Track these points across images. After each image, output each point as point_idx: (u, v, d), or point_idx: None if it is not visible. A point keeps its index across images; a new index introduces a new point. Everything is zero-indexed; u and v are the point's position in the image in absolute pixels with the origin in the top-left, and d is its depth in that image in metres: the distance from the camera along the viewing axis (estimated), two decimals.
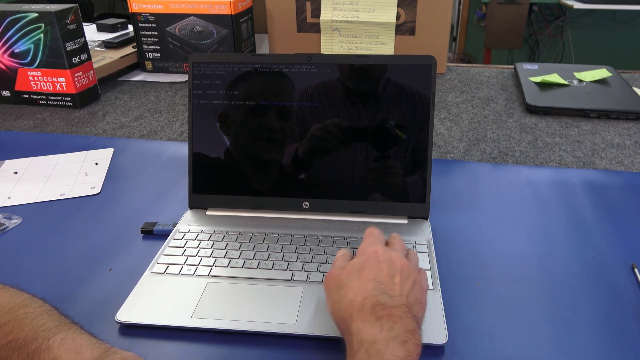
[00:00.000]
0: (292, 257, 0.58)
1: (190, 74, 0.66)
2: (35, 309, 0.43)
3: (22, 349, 0.40)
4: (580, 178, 0.76)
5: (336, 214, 0.64)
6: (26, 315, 0.42)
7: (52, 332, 0.41)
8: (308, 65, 0.63)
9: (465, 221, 0.66)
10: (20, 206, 0.72)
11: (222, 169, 0.66)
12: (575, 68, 1.17)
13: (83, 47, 1.06)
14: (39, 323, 0.42)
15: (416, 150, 0.63)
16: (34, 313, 0.43)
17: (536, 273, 0.57)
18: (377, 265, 0.46)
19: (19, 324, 0.41)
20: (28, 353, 0.40)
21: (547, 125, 0.95)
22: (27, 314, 0.42)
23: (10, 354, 0.40)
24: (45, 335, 0.41)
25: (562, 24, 2.84)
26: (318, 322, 0.49)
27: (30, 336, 0.41)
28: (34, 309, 0.43)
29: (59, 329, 0.42)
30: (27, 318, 0.42)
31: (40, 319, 0.42)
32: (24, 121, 1.02)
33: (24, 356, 0.40)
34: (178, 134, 0.95)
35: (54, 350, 0.40)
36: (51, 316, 0.43)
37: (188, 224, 0.64)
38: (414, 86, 0.62)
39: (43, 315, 0.43)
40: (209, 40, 1.21)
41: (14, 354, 0.40)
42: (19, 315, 0.42)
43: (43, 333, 0.41)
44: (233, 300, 0.52)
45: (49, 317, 0.43)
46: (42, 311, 0.43)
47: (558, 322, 0.50)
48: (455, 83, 1.18)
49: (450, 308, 0.52)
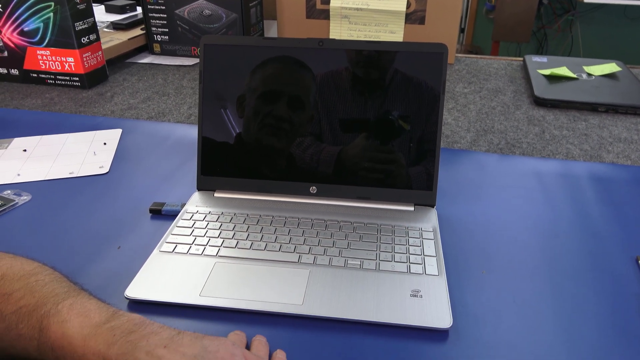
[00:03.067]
0: (299, 240, 0.58)
1: (202, 56, 0.66)
2: (45, 277, 0.44)
3: (32, 314, 0.41)
4: (587, 171, 0.76)
5: (343, 199, 0.65)
6: (37, 283, 0.43)
7: (61, 297, 0.42)
8: (319, 50, 0.64)
9: (471, 210, 0.67)
10: (29, 183, 0.73)
11: (231, 151, 0.66)
12: (584, 62, 1.16)
13: (92, 27, 1.05)
14: (49, 289, 0.43)
15: (425, 138, 0.63)
16: (44, 280, 0.44)
17: (541, 263, 0.58)
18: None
19: (30, 291, 0.42)
20: (37, 317, 0.41)
21: (555, 118, 0.95)
22: (37, 281, 0.43)
23: (20, 319, 0.41)
24: (55, 300, 0.42)
25: (571, 18, 2.82)
26: (325, 303, 0.50)
27: (40, 302, 0.41)
28: (44, 276, 0.44)
29: (68, 295, 0.42)
30: (37, 285, 0.43)
31: (50, 285, 0.43)
32: (32, 100, 1.02)
33: (33, 321, 0.41)
34: (186, 116, 0.95)
35: (63, 314, 0.40)
36: (61, 283, 0.44)
37: (196, 205, 0.65)
38: (424, 74, 0.62)
39: (53, 282, 0.44)
40: (217, 24, 1.20)
41: (24, 319, 0.41)
42: (30, 282, 0.43)
43: (52, 298, 0.42)
44: (240, 280, 0.53)
45: (59, 284, 0.44)
46: (52, 278, 0.44)
47: (562, 312, 0.51)
48: (464, 74, 1.17)
49: (454, 294, 0.52)
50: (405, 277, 0.53)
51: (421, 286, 0.52)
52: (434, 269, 0.54)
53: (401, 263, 0.55)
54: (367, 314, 0.49)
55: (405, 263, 0.55)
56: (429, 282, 0.52)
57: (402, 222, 0.61)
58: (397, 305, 0.49)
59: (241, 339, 0.46)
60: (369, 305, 0.50)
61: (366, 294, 0.51)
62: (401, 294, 0.51)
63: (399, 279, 0.53)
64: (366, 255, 0.56)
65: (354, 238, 0.59)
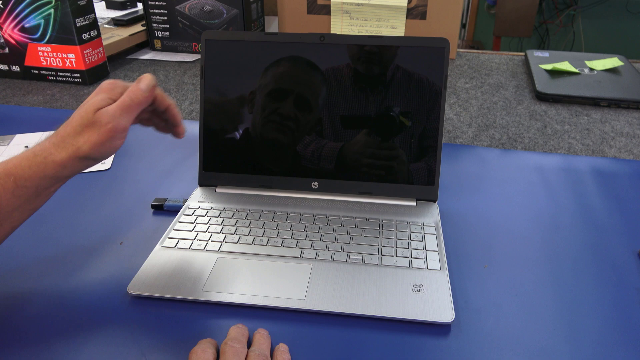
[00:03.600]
0: (301, 236, 0.58)
1: (203, 52, 0.66)
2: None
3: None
4: (589, 165, 0.76)
5: (345, 194, 0.65)
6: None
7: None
8: (320, 45, 0.63)
9: (473, 205, 0.67)
10: None
11: (233, 147, 0.66)
12: (586, 56, 1.16)
13: (93, 23, 1.05)
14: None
15: (426, 133, 0.63)
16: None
17: (542, 258, 0.58)
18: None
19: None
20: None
21: (557, 113, 0.94)
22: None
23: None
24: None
25: (573, 13, 2.81)
26: (327, 298, 0.50)
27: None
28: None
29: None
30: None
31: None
32: (33, 96, 1.02)
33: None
34: (187, 112, 0.95)
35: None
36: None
37: (198, 200, 0.65)
38: (426, 69, 0.62)
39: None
40: (218, 19, 1.20)
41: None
42: None
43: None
44: (243, 275, 0.53)
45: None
46: None
47: (563, 306, 0.51)
48: (465, 69, 1.17)
49: (457, 288, 0.52)
50: (408, 272, 0.53)
51: (423, 281, 0.52)
52: (436, 264, 0.54)
53: (403, 258, 0.55)
54: (369, 308, 0.49)
55: (407, 258, 0.55)
56: (431, 277, 0.52)
57: (404, 217, 0.61)
58: (399, 300, 0.50)
59: (243, 333, 0.46)
60: (371, 299, 0.50)
61: (368, 288, 0.51)
62: (403, 288, 0.51)
63: (401, 273, 0.53)
64: (368, 250, 0.56)
65: (356, 233, 0.59)
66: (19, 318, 0.49)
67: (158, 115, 0.58)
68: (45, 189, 0.49)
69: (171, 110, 0.56)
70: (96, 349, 0.46)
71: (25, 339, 0.47)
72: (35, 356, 0.45)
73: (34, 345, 0.46)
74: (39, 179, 0.48)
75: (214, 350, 0.43)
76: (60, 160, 0.48)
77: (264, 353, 0.43)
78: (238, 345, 0.43)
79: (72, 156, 0.48)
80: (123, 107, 0.49)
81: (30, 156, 0.48)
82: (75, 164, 0.49)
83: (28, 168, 0.47)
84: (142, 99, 0.51)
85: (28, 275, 0.55)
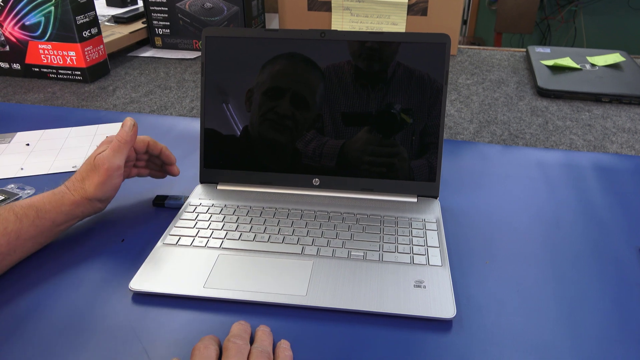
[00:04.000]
0: (302, 232, 0.58)
1: (204, 48, 0.66)
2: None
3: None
4: (590, 161, 0.76)
5: (346, 191, 0.65)
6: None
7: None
8: (321, 42, 0.63)
9: (474, 201, 0.67)
10: (32, 177, 0.73)
11: (233, 144, 0.66)
12: (588, 52, 1.16)
13: (93, 20, 1.05)
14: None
15: (428, 129, 0.63)
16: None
17: (544, 254, 0.57)
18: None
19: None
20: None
21: (559, 109, 0.94)
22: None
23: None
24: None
25: (575, 9, 2.80)
26: (328, 294, 0.50)
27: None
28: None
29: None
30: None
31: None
32: (34, 94, 1.02)
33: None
34: (188, 110, 0.95)
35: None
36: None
37: (199, 197, 0.65)
38: (427, 65, 0.62)
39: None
40: (219, 17, 1.20)
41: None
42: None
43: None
44: (244, 271, 0.53)
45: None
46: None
47: (565, 302, 0.51)
48: (466, 65, 1.17)
49: (458, 284, 0.52)
50: (409, 268, 0.53)
51: (425, 277, 0.52)
52: (437, 260, 0.54)
53: (405, 254, 0.55)
54: (370, 304, 0.49)
55: (408, 254, 0.55)
56: (433, 273, 0.52)
57: (405, 214, 0.61)
58: (401, 296, 0.50)
59: (245, 329, 0.46)
60: (373, 296, 0.50)
61: (370, 284, 0.51)
62: (405, 284, 0.51)
63: (402, 269, 0.53)
64: (369, 246, 0.56)
65: (357, 229, 0.59)
66: (19, 315, 0.49)
67: (153, 160, 0.67)
68: (59, 225, 0.57)
69: (164, 152, 0.66)
70: (98, 345, 0.46)
71: (26, 336, 0.47)
72: (37, 353, 0.45)
73: (35, 342, 0.47)
74: (56, 213, 0.56)
75: (217, 346, 0.43)
76: (74, 200, 0.57)
77: (266, 350, 0.43)
78: (241, 342, 0.43)
79: (82, 197, 0.58)
80: (113, 148, 0.59)
81: (50, 194, 0.57)
82: (85, 204, 0.58)
83: (48, 203, 0.56)
84: (127, 137, 0.60)
85: (29, 273, 0.55)
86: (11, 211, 0.54)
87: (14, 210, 0.54)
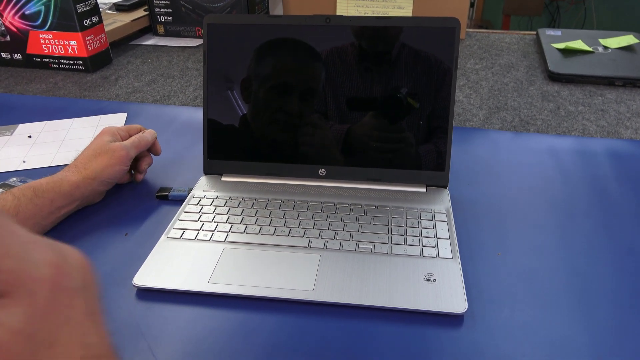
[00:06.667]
0: (308, 224, 0.57)
1: (205, 36, 0.64)
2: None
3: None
4: (604, 147, 0.74)
5: (353, 181, 0.63)
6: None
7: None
8: (326, 28, 0.61)
9: (485, 190, 0.65)
10: (35, 170, 0.72)
11: (238, 134, 0.65)
12: (600, 34, 1.12)
13: (94, 9, 1.03)
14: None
15: (436, 117, 0.61)
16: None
17: (557, 244, 0.56)
18: None
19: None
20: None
21: (570, 94, 0.92)
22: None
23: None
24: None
25: None
26: (336, 288, 0.49)
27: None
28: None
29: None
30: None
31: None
32: (36, 85, 1.01)
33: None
34: (191, 99, 0.93)
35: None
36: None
37: (203, 189, 0.64)
38: (435, 50, 0.60)
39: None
40: (222, 3, 1.18)
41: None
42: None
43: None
44: (250, 266, 0.52)
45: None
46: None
47: (580, 294, 0.49)
48: (475, 49, 1.14)
49: (469, 277, 0.51)
50: (419, 261, 0.52)
51: (435, 270, 0.50)
52: (447, 252, 0.53)
53: (414, 246, 0.53)
54: (379, 299, 0.48)
55: (418, 246, 0.53)
56: (443, 266, 0.51)
57: (414, 204, 0.60)
58: (411, 290, 0.48)
59: None
60: (382, 290, 0.48)
61: (378, 278, 0.50)
62: (414, 278, 0.50)
63: (411, 262, 0.51)
64: (378, 238, 0.55)
65: (364, 221, 0.57)
66: None
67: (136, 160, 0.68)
68: (59, 208, 0.57)
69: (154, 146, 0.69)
70: None
71: None
72: None
73: None
74: (54, 193, 0.56)
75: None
76: (75, 181, 0.58)
77: None
78: None
79: (85, 177, 0.59)
80: (134, 142, 0.63)
81: (49, 177, 0.58)
82: (86, 185, 0.59)
83: (46, 183, 0.57)
84: (147, 143, 0.66)
85: None
86: (9, 193, 0.54)
87: (11, 192, 0.54)
